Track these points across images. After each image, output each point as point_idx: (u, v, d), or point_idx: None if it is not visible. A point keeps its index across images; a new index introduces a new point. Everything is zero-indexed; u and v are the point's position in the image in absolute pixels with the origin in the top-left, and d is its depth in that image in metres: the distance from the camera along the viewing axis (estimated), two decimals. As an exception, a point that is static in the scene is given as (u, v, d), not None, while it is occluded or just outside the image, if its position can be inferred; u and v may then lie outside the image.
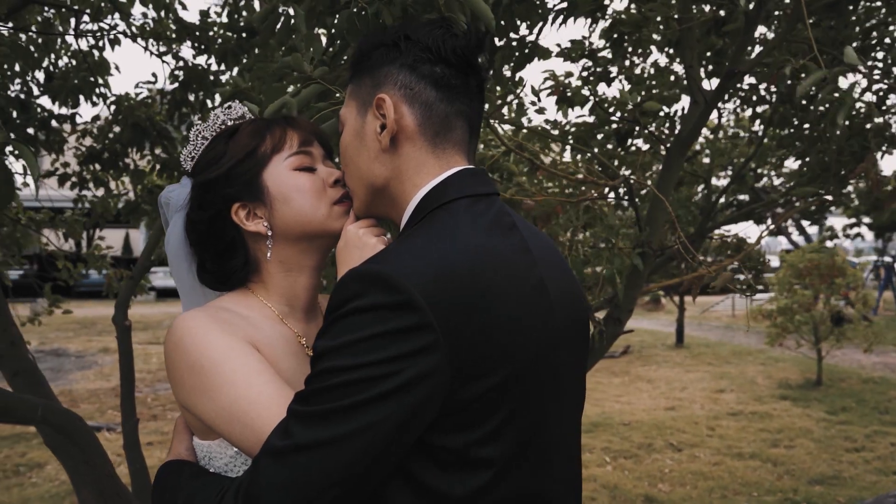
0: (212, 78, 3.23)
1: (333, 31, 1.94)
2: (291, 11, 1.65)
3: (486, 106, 2.91)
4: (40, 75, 3.53)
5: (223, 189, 1.15)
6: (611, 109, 3.09)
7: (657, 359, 10.87)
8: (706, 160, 5.81)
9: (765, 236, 3.17)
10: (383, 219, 1.15)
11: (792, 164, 4.19)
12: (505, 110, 3.30)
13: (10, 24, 3.07)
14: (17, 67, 3.28)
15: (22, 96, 3.45)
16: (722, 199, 5.06)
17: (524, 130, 3.07)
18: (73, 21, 3.29)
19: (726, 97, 3.47)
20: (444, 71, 1.03)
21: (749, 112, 3.65)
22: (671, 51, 3.34)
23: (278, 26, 1.74)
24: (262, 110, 1.47)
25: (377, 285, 0.87)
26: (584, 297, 1.16)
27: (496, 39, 2.69)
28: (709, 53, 3.23)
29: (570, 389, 1.04)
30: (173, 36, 3.25)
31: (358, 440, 0.84)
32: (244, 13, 3.12)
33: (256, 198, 1.14)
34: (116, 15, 3.36)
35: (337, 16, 1.81)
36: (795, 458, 5.79)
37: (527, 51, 2.88)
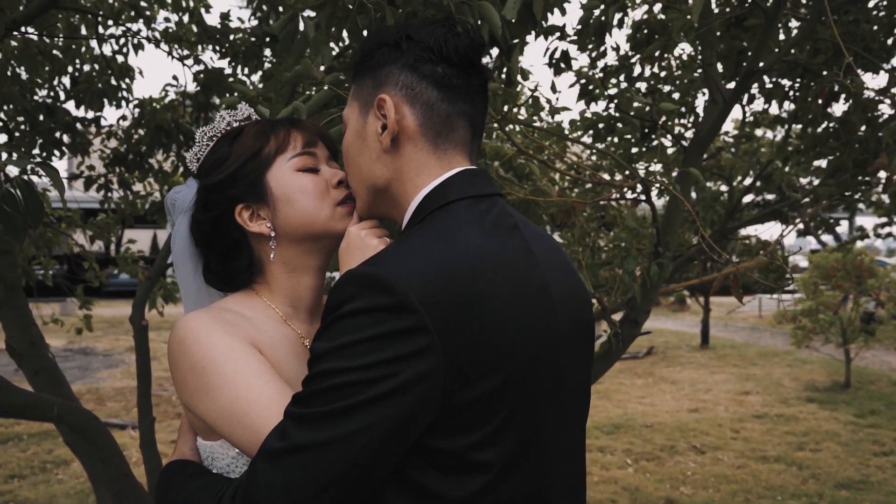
0: (231, 80, 3.25)
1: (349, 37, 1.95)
2: (312, 14, 1.66)
3: (506, 108, 2.90)
4: (66, 80, 3.59)
5: (227, 190, 1.15)
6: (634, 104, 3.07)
7: (681, 360, 10.76)
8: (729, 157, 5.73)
9: (786, 236, 3.11)
10: (386, 220, 1.15)
11: (818, 162, 4.12)
12: (523, 111, 3.28)
13: (34, 30, 3.12)
14: (22, 72, 3.32)
15: (49, 101, 3.51)
16: (749, 199, 5.00)
17: (536, 133, 3.05)
18: (98, 27, 3.34)
19: (748, 96, 3.42)
20: (445, 71, 1.03)
21: (772, 109, 3.60)
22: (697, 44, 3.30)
23: (298, 35, 1.75)
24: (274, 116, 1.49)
25: (373, 287, 0.86)
26: (589, 299, 1.15)
27: (514, 39, 2.68)
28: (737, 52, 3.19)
29: (573, 392, 1.03)
30: (194, 40, 3.29)
31: (354, 442, 0.84)
32: (271, 21, 3.14)
33: (260, 199, 1.15)
34: (140, 20, 3.40)
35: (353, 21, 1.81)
36: (821, 462, 5.70)
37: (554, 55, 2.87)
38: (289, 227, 1.15)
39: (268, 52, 3.18)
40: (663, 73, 3.46)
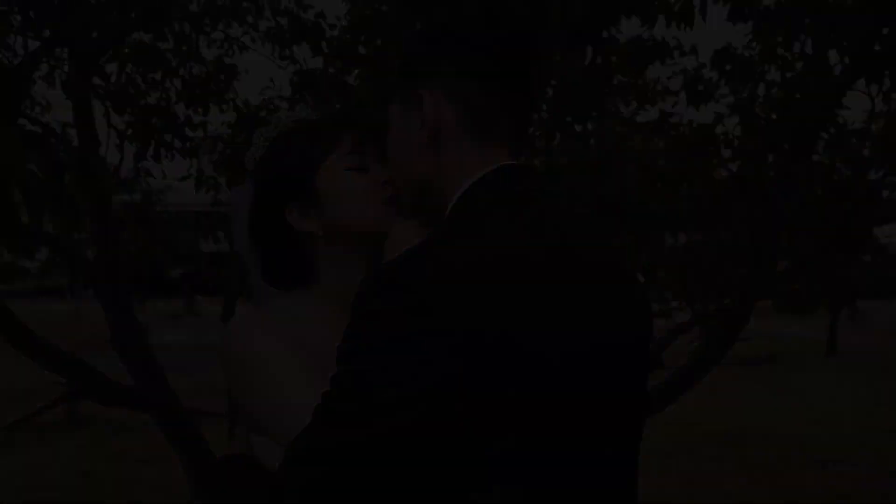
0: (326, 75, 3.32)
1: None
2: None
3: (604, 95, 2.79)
4: (177, 83, 3.77)
5: (278, 190, 1.17)
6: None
7: (805, 367, 10.17)
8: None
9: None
10: (433, 218, 1.12)
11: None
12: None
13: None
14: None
15: (162, 104, 3.71)
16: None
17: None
18: (202, 30, 3.50)
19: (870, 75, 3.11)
20: (486, 62, 0.99)
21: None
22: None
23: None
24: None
25: (391, 287, 0.84)
26: (647, 305, 1.07)
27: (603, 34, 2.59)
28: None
29: (620, 404, 0.96)
30: (288, 37, 3.37)
31: (374, 446, 0.82)
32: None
33: (309, 198, 1.15)
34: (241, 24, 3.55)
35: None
36: (964, 484, 5.19)
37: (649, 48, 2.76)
38: (337, 227, 1.14)
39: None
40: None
